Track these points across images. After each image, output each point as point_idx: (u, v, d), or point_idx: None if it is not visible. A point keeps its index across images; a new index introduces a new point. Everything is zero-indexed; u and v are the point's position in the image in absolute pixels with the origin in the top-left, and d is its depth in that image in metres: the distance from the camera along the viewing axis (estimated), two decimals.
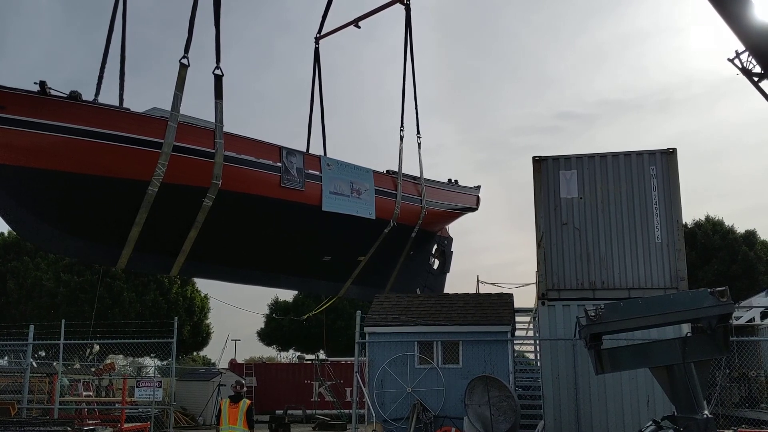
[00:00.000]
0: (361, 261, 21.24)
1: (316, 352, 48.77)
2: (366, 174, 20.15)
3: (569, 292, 15.69)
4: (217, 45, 16.07)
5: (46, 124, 14.45)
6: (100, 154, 14.98)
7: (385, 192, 20.62)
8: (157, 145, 15.25)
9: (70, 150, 14.73)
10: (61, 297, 38.83)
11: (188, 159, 15.82)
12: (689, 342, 10.06)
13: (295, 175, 17.95)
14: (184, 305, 43.64)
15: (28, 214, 15.38)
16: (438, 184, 23.30)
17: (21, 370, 19.62)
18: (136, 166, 15.17)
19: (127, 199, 15.28)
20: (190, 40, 15.56)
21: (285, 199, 17.77)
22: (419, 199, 21.87)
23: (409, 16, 21.47)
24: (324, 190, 18.68)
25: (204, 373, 34.96)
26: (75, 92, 14.74)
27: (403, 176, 21.37)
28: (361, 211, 19.74)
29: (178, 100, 15.45)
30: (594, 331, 10.25)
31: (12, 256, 41.24)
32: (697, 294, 10.13)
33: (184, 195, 15.81)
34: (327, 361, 34.54)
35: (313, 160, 18.90)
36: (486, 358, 16.11)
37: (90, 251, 16.69)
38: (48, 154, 14.63)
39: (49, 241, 16.38)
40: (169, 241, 16.73)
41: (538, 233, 16.21)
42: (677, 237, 15.50)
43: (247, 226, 17.92)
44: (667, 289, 15.13)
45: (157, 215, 15.62)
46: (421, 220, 21.87)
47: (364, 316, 17.20)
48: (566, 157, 16.57)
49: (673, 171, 15.90)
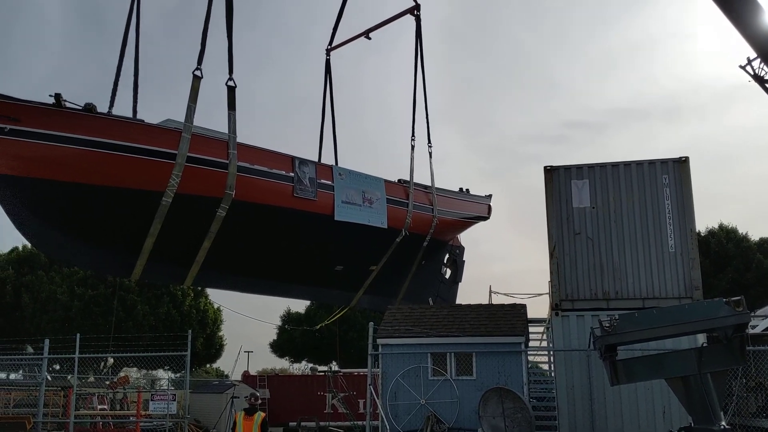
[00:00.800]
0: (373, 270, 21.24)
1: (328, 363, 48.70)
2: (377, 183, 20.19)
3: (583, 302, 15.63)
4: (229, 57, 16.22)
5: (61, 136, 14.59)
6: (115, 165, 15.10)
7: (396, 201, 20.65)
8: (171, 156, 15.36)
9: (86, 162, 14.86)
10: (76, 310, 39.04)
11: (202, 170, 15.92)
12: (705, 352, 10.00)
13: (307, 184, 18.02)
14: (197, 317, 43.76)
15: (43, 225, 15.51)
16: (449, 193, 23.30)
17: (36, 384, 19.70)
18: (150, 177, 15.28)
19: (141, 210, 15.39)
20: (203, 52, 15.69)
21: (298, 208, 17.84)
22: (431, 208, 21.87)
23: (420, 27, 21.59)
24: (336, 200, 18.74)
25: (217, 386, 34.96)
26: (90, 104, 14.89)
27: (415, 185, 21.38)
28: (373, 220, 19.76)
29: (191, 111, 15.58)
30: (609, 342, 10.21)
31: (27, 270, 41.52)
32: (712, 304, 10.07)
33: (198, 205, 15.90)
34: (340, 373, 34.46)
35: (325, 170, 18.97)
36: (500, 369, 16.05)
37: (104, 263, 16.80)
38: (63, 166, 14.76)
39: (64, 253, 16.50)
40: (183, 252, 16.81)
41: (550, 243, 16.17)
42: (691, 246, 15.42)
43: (260, 235, 17.99)
44: (681, 298, 15.05)
45: (171, 226, 15.70)
46: (433, 229, 21.87)
47: (376, 328, 17.18)
48: (578, 167, 16.55)
49: (685, 179, 15.85)
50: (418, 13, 21.60)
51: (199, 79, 15.57)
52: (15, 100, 14.26)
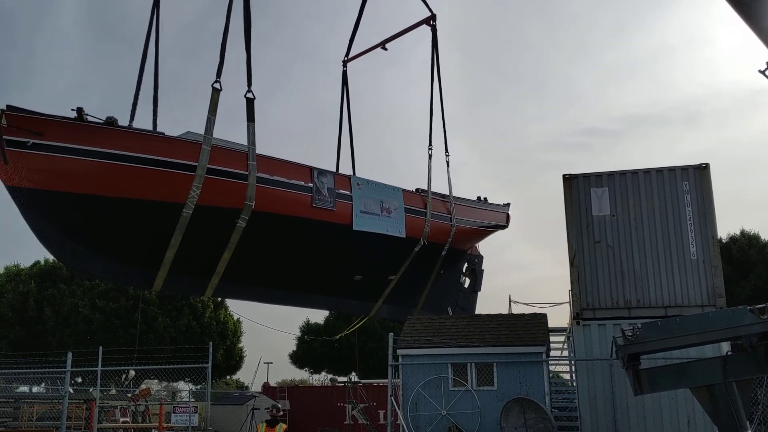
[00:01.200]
0: (392, 280, 21.23)
1: (348, 374, 48.66)
2: (395, 193, 20.21)
3: (604, 311, 15.52)
4: (248, 69, 16.33)
5: (83, 149, 14.75)
6: (137, 178, 15.24)
7: (414, 210, 20.64)
8: (192, 168, 15.48)
9: (108, 174, 15.00)
10: (97, 323, 39.34)
11: (222, 181, 16.03)
12: (730, 361, 9.89)
13: (326, 194, 18.08)
14: (217, 329, 43.93)
15: (66, 238, 15.66)
16: (467, 201, 23.26)
17: (59, 397, 19.86)
18: (171, 189, 15.40)
19: (162, 221, 15.51)
20: (221, 65, 15.82)
21: (316, 218, 17.90)
22: (449, 217, 21.84)
23: (436, 37, 21.66)
24: (354, 210, 18.77)
25: (238, 397, 35.07)
26: (111, 118, 15.05)
27: (432, 194, 21.38)
28: (391, 229, 19.76)
29: (211, 123, 15.70)
30: (631, 351, 10.12)
31: (49, 284, 41.93)
32: (736, 311, 9.96)
33: (218, 216, 16.00)
34: (359, 384, 34.41)
35: (343, 180, 19.03)
36: (521, 379, 15.95)
37: (126, 275, 16.93)
38: (85, 179, 14.92)
39: (86, 265, 16.64)
40: (203, 263, 16.91)
41: (570, 252, 16.09)
42: (713, 253, 15.28)
43: (280, 246, 18.06)
44: (704, 306, 14.91)
45: (192, 237, 15.81)
46: (451, 238, 21.82)
47: (396, 339, 17.16)
48: (597, 175, 16.48)
49: (706, 186, 15.72)
50: (434, 23, 21.67)
51: (218, 92, 15.70)
52: (38, 115, 14.45)
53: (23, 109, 14.31)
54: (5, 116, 13.97)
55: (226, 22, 15.99)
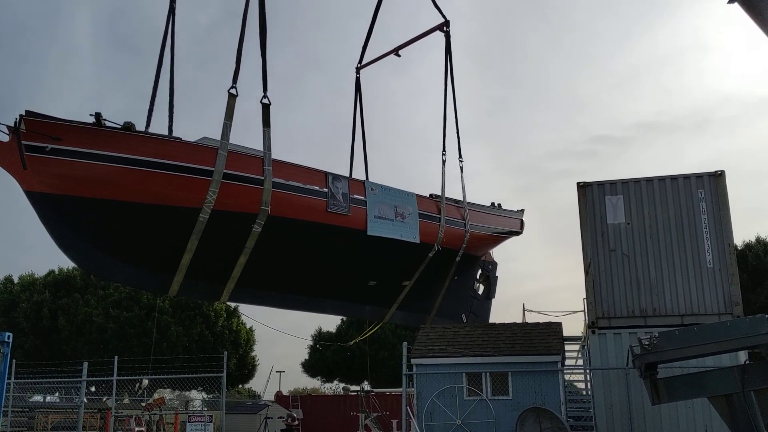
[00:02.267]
0: (406, 286, 21.20)
1: (360, 383, 48.61)
2: (409, 198, 20.20)
3: (620, 320, 15.44)
4: (264, 74, 16.41)
5: (101, 154, 14.85)
6: (154, 182, 15.32)
7: (428, 216, 20.61)
8: (208, 173, 15.56)
9: (126, 179, 15.10)
10: (111, 332, 39.54)
11: (238, 186, 16.10)
12: (748, 370, 9.81)
13: (340, 200, 18.10)
14: (230, 338, 44.05)
15: (84, 242, 15.76)
16: (481, 207, 23.21)
17: (74, 406, 19.94)
18: (188, 194, 15.48)
19: (179, 226, 15.59)
20: (237, 70, 15.93)
21: (331, 224, 17.93)
22: (463, 222, 21.79)
23: (449, 43, 21.71)
24: (369, 215, 18.77)
25: (251, 406, 35.09)
26: (129, 123, 15.15)
27: (446, 200, 21.35)
28: (406, 235, 19.73)
29: (227, 128, 15.81)
30: (649, 361, 10.07)
31: (63, 293, 42.20)
32: (754, 320, 9.90)
33: (234, 221, 16.07)
34: (372, 393, 34.36)
35: (358, 185, 19.05)
36: (536, 388, 15.88)
37: (142, 279, 17.01)
38: (104, 184, 15.02)
39: (103, 270, 16.74)
40: (219, 268, 16.97)
41: (585, 260, 16.03)
42: (729, 261, 15.17)
43: (295, 251, 18.11)
44: (721, 314, 14.79)
45: (208, 242, 15.88)
46: (465, 243, 21.76)
47: (410, 348, 17.13)
48: (611, 183, 16.43)
49: (722, 193, 15.63)
50: (448, 29, 21.72)
51: (234, 98, 15.82)
52: (57, 120, 14.58)
53: (42, 115, 14.43)
54: (24, 121, 14.10)
55: (242, 28, 16.10)
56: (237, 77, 15.87)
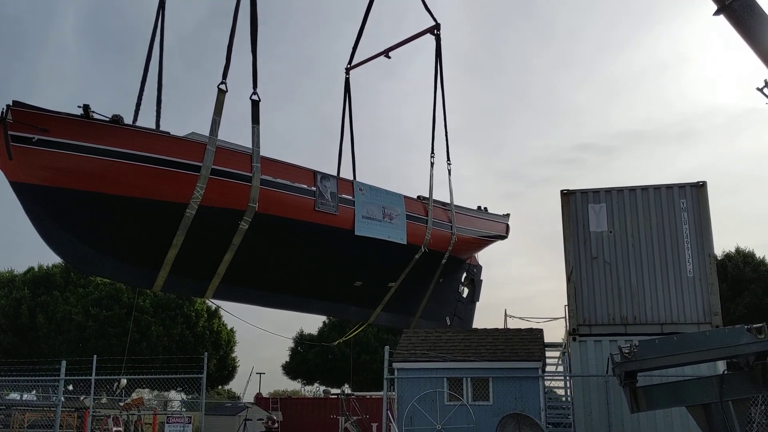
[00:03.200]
0: (392, 287, 21.18)
1: (341, 386, 48.53)
2: (397, 199, 20.19)
3: (600, 327, 15.53)
4: (254, 71, 16.36)
5: (89, 146, 14.71)
6: (141, 176, 15.20)
7: (415, 217, 20.61)
8: (196, 168, 15.48)
9: (112, 172, 14.97)
10: (90, 331, 39.20)
11: (226, 182, 16.02)
12: (726, 380, 9.91)
13: (329, 199, 18.05)
14: (210, 339, 43.81)
15: (68, 235, 15.61)
16: (468, 210, 23.26)
17: (52, 405, 19.74)
18: (175, 189, 15.37)
19: (165, 221, 15.48)
20: (228, 66, 15.86)
21: (319, 222, 17.88)
22: (449, 225, 21.82)
23: (440, 46, 21.74)
24: (357, 215, 18.74)
25: (230, 408, 34.92)
26: (117, 116, 15.03)
27: (434, 202, 21.38)
28: (393, 235, 19.71)
29: (216, 124, 15.72)
30: (628, 369, 10.13)
31: (42, 290, 41.78)
32: (733, 331, 9.99)
33: (221, 217, 15.98)
34: (353, 396, 34.30)
35: (346, 185, 19.01)
36: (517, 394, 15.92)
37: (127, 273, 16.87)
38: (91, 177, 14.86)
39: (87, 263, 16.58)
40: (205, 264, 16.88)
41: (567, 267, 16.11)
42: (710, 271, 15.31)
43: (282, 249, 18.05)
44: (700, 324, 14.92)
45: (194, 238, 15.79)
46: (452, 246, 21.79)
47: (392, 352, 17.11)
48: (595, 191, 16.54)
49: (703, 204, 15.78)
50: (439, 32, 21.75)
51: (223, 93, 15.75)
52: (44, 111, 14.42)
53: (30, 105, 14.27)
54: (11, 111, 13.95)
55: (233, 23, 16.03)
56: (227, 73, 15.81)
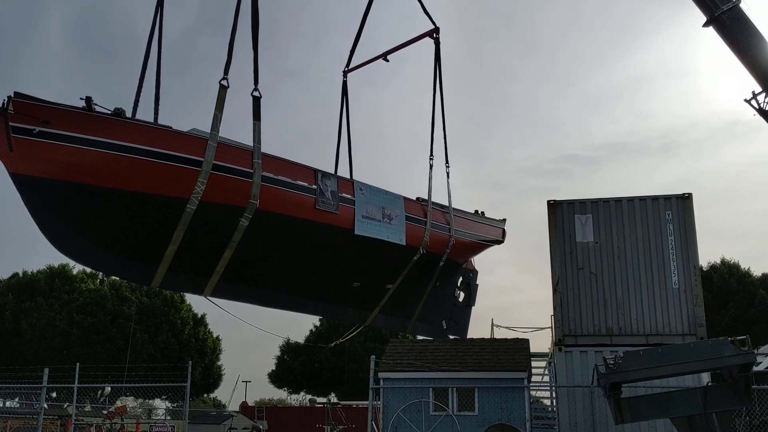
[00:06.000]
0: (389, 289, 21.14)
1: (327, 395, 48.34)
2: (397, 200, 20.16)
3: (586, 338, 15.54)
4: (255, 68, 16.35)
5: (90, 139, 14.63)
6: (143, 170, 15.09)
7: (414, 219, 20.61)
8: (198, 163, 15.42)
9: (113, 166, 14.88)
10: (74, 338, 38.86)
11: (227, 178, 15.97)
12: (710, 392, 9.95)
13: (329, 197, 18.01)
14: (196, 346, 43.54)
15: (67, 227, 15.49)
16: (465, 214, 23.24)
17: (34, 413, 19.54)
18: (176, 184, 15.29)
19: (165, 216, 15.39)
20: (229, 62, 15.83)
21: (319, 221, 17.84)
22: (447, 227, 21.81)
23: (438, 49, 21.78)
24: (356, 214, 18.70)
25: (215, 416, 34.69)
26: (119, 109, 14.95)
27: (432, 204, 21.40)
28: (392, 236, 19.66)
29: (217, 120, 15.66)
30: (613, 380, 10.15)
31: (26, 296, 41.41)
32: (717, 343, 10.03)
33: (222, 214, 15.91)
34: (339, 405, 34.18)
35: (347, 184, 18.98)
36: (502, 405, 15.91)
37: (125, 268, 16.75)
38: (91, 170, 14.77)
39: (85, 256, 16.45)
40: (204, 261, 16.79)
41: (553, 278, 16.14)
42: (695, 282, 15.38)
43: (281, 247, 17.99)
44: (685, 335, 14.97)
45: (194, 234, 15.71)
46: (449, 249, 21.78)
47: (378, 361, 17.06)
48: (581, 201, 16.59)
49: (688, 216, 15.87)
50: (438, 35, 21.81)
51: (225, 89, 15.73)
52: (46, 103, 14.33)
53: (31, 97, 14.19)
54: (12, 102, 13.86)
55: (235, 19, 16.04)
56: (228, 69, 15.80)
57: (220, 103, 15.79)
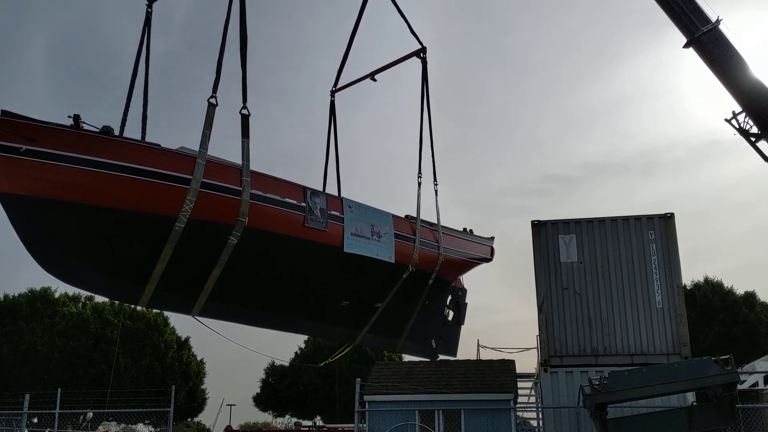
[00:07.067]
0: (379, 307, 21.04)
1: (312, 418, 47.92)
2: (386, 217, 20.15)
3: (571, 358, 15.55)
4: (243, 86, 16.38)
5: (77, 157, 14.52)
6: (131, 188, 15.00)
7: (403, 236, 20.57)
8: (186, 181, 15.34)
9: (101, 184, 14.77)
10: (56, 362, 38.34)
11: (215, 195, 15.89)
12: (695, 411, 10.00)
13: (318, 215, 17.97)
14: (180, 370, 43.08)
15: (53, 246, 15.33)
16: (454, 232, 23.26)
17: None
18: (165, 202, 15.20)
19: (153, 234, 15.27)
20: (217, 80, 15.86)
21: (308, 238, 17.77)
22: (436, 245, 21.80)
23: (426, 69, 21.93)
24: (346, 232, 18.65)
25: None
26: (107, 127, 14.88)
27: (421, 222, 21.39)
28: (381, 254, 19.62)
29: (206, 138, 15.61)
30: (598, 401, 10.18)
31: (7, 320, 40.87)
32: (701, 362, 10.10)
33: (210, 232, 15.81)
34: (324, 428, 33.88)
35: (335, 202, 18.96)
36: (489, 426, 15.82)
37: (114, 287, 16.57)
38: (78, 188, 14.66)
39: (72, 275, 16.26)
40: (192, 280, 16.64)
41: (539, 298, 16.17)
42: (678, 302, 15.47)
43: (271, 265, 17.89)
44: (669, 354, 15.00)
45: (182, 252, 15.58)
46: (438, 266, 21.75)
47: (363, 384, 16.95)
48: (565, 222, 16.68)
49: (671, 235, 15.99)
50: (425, 55, 21.97)
51: (213, 107, 15.72)
52: (33, 121, 14.25)
53: (18, 115, 14.10)
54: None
55: (223, 37, 16.08)
56: (217, 87, 15.82)
57: (208, 121, 15.78)
